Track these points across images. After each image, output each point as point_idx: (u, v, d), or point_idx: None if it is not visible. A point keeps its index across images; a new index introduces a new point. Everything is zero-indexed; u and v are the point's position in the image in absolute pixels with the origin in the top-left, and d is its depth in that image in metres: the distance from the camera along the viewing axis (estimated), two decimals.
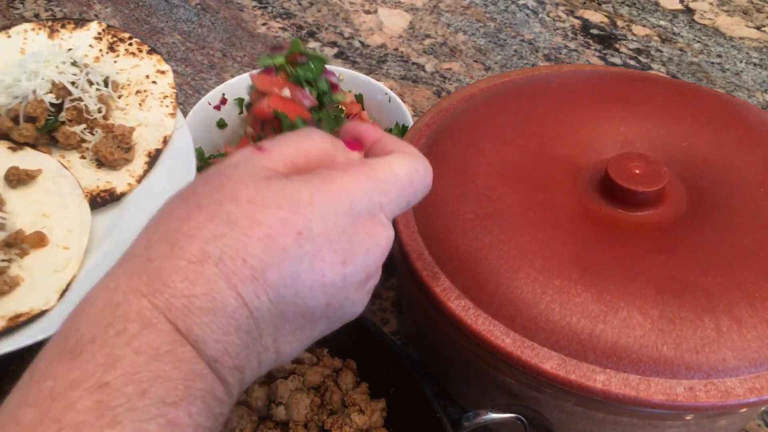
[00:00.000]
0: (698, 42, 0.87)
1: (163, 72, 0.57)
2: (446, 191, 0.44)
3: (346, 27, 0.89)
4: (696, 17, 0.91)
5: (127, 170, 0.51)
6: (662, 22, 0.90)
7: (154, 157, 0.52)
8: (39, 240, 0.46)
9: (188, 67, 0.82)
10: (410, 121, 0.60)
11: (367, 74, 0.67)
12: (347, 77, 0.66)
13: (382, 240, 0.29)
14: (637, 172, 0.43)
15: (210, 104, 0.64)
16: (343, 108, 0.64)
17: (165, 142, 0.53)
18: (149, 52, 0.58)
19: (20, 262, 0.45)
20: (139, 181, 0.51)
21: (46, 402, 0.22)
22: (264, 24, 0.89)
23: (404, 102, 0.64)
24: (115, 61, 0.57)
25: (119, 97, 0.55)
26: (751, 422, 0.50)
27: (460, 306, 0.39)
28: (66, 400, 0.22)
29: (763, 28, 0.89)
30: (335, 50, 0.85)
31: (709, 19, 0.90)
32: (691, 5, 0.93)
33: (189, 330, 0.24)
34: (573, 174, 0.45)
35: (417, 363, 0.53)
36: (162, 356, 0.23)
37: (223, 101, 0.65)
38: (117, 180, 0.50)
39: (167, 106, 0.55)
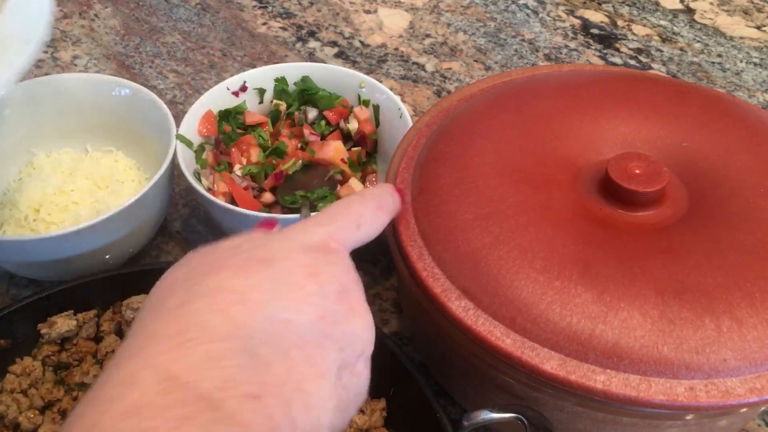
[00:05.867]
0: (698, 42, 0.87)
1: None
2: (446, 191, 0.44)
3: (346, 27, 0.89)
4: (696, 17, 0.91)
5: None
6: (662, 22, 0.90)
7: None
8: None
9: (188, 66, 0.82)
10: (410, 124, 0.60)
11: (367, 74, 0.67)
12: (368, 86, 0.64)
13: (338, 259, 0.33)
14: (637, 172, 0.43)
15: (228, 89, 0.63)
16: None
17: None
18: None
19: None
20: None
21: None
22: (264, 24, 0.89)
23: (404, 102, 0.64)
24: None
25: None
26: (751, 422, 0.50)
27: (460, 306, 0.39)
28: None
29: (763, 28, 0.89)
30: (335, 50, 0.85)
31: (710, 18, 0.90)
32: (692, 5, 0.93)
33: (177, 371, 0.25)
34: (573, 174, 0.45)
35: (417, 363, 0.53)
36: (148, 402, 0.24)
37: (243, 88, 0.64)
38: None
39: None
